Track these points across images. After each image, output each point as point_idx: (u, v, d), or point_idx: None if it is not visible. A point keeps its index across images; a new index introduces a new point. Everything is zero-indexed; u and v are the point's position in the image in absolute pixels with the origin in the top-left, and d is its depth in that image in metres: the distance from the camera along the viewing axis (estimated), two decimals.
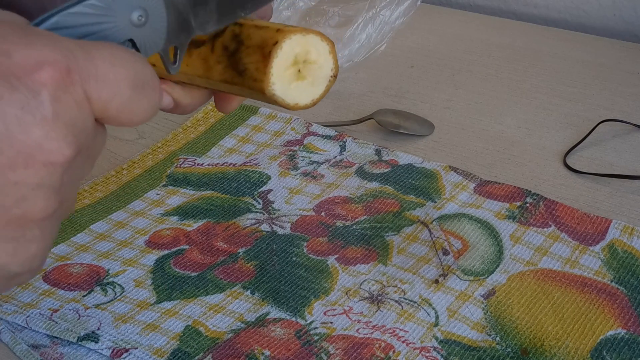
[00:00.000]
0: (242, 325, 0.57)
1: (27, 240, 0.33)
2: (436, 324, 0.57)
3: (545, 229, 0.66)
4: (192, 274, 0.62)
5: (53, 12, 0.36)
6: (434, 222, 0.66)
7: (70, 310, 0.58)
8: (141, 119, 0.35)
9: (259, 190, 0.71)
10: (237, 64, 0.41)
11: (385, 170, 0.74)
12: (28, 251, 0.33)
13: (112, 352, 0.54)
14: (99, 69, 0.33)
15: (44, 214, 0.32)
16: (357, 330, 0.56)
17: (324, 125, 0.81)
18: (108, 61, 0.33)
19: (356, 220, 0.67)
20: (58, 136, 0.31)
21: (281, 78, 0.41)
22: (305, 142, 0.78)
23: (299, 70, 0.41)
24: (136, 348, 0.55)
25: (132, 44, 0.38)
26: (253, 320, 0.57)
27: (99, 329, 0.56)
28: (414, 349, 0.55)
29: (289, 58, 0.41)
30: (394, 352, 0.54)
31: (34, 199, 0.32)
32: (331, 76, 0.43)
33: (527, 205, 0.68)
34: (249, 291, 0.60)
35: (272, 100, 0.41)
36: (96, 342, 0.55)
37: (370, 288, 0.60)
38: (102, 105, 0.33)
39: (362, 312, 0.58)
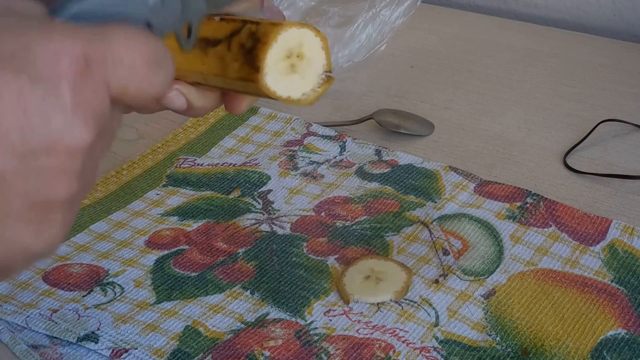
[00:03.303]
0: (242, 325, 0.57)
1: (49, 223, 0.34)
2: (436, 324, 0.57)
3: (545, 229, 0.65)
4: (192, 274, 0.62)
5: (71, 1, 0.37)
6: (434, 222, 0.66)
7: (70, 310, 0.58)
8: (157, 93, 0.37)
9: (259, 191, 0.71)
10: (253, 61, 0.41)
11: (385, 171, 0.74)
12: (50, 232, 0.34)
13: (112, 352, 0.54)
14: (115, 53, 0.35)
15: (66, 197, 0.34)
16: (357, 330, 0.56)
17: (324, 126, 0.81)
18: (123, 44, 0.35)
19: (356, 220, 0.67)
20: (79, 124, 0.33)
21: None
22: (305, 142, 0.78)
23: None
24: (136, 348, 0.55)
25: (148, 26, 0.39)
26: (253, 320, 0.57)
27: (98, 329, 0.56)
28: (414, 349, 0.55)
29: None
30: (394, 352, 0.54)
31: (57, 184, 0.33)
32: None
33: (528, 205, 0.68)
34: (248, 291, 0.60)
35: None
36: (96, 343, 0.55)
37: None
38: (120, 86, 0.35)
39: (362, 312, 0.58)
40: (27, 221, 0.33)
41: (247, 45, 0.42)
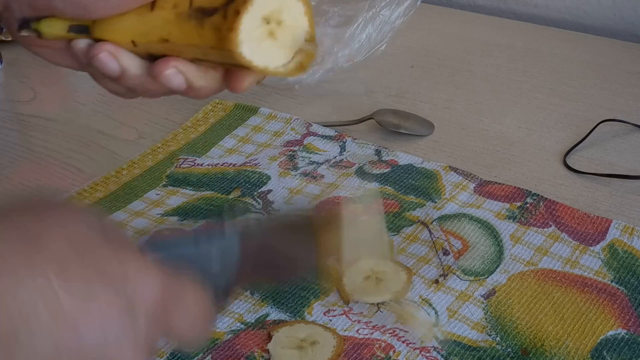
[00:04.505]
0: (242, 326, 0.57)
1: None
2: (436, 324, 0.57)
3: (545, 229, 0.65)
4: None
5: (162, 243, 0.42)
6: (434, 222, 0.66)
7: None
8: (195, 340, 0.42)
9: (259, 191, 0.71)
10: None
11: (385, 171, 0.74)
12: None
13: None
14: (186, 304, 0.38)
15: None
16: (357, 330, 0.56)
17: (324, 125, 0.81)
18: (193, 299, 0.39)
19: None
20: (138, 357, 0.36)
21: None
22: (305, 142, 0.78)
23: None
24: None
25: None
26: (253, 321, 0.57)
27: None
28: (414, 349, 0.55)
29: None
30: (394, 352, 0.54)
31: None
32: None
33: (528, 205, 0.68)
34: (248, 291, 0.60)
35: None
36: None
37: None
38: (175, 327, 0.39)
39: (362, 312, 0.58)
40: None
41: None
